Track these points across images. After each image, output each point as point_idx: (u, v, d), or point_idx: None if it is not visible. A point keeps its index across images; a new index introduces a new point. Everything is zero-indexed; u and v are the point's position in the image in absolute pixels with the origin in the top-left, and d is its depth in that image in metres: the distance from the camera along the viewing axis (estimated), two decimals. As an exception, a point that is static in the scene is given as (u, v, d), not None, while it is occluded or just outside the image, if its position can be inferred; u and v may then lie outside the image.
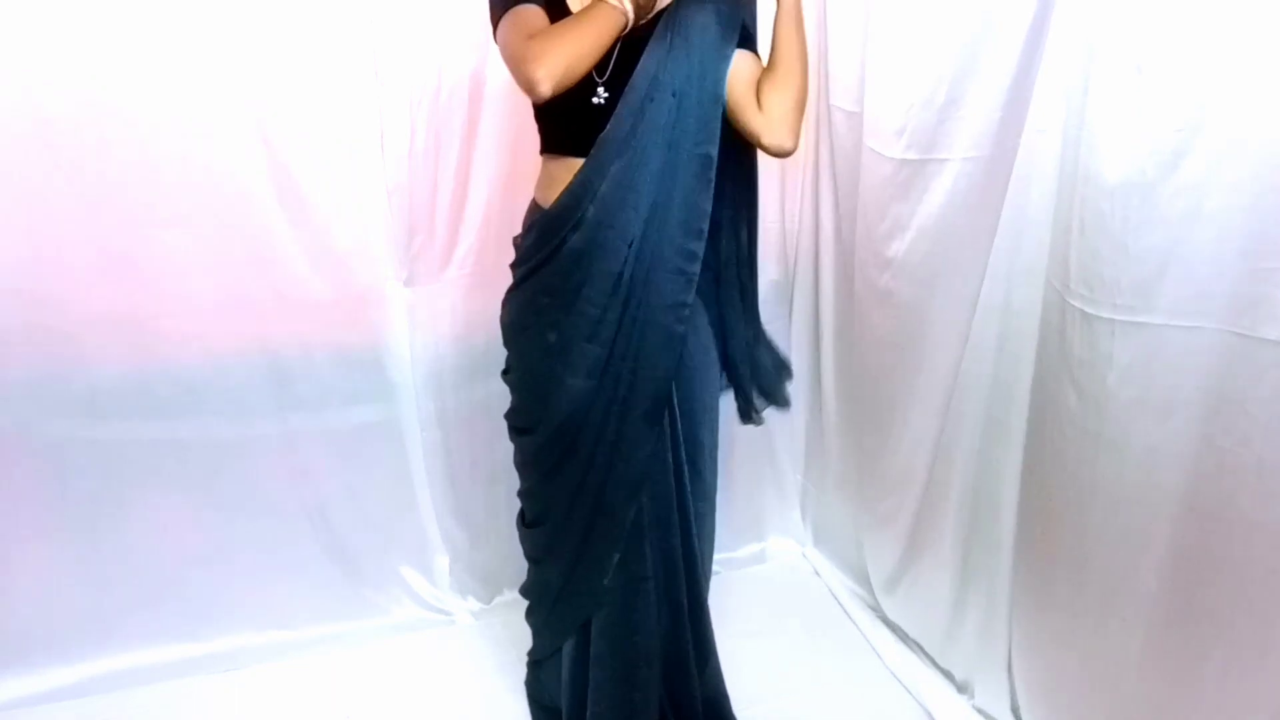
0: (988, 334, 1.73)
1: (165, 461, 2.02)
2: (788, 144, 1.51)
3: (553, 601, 1.74)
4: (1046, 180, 1.56)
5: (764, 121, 1.49)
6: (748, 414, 1.76)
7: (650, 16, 1.48)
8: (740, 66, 1.51)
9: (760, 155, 1.61)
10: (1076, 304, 1.44)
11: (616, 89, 1.45)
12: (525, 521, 1.74)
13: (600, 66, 1.44)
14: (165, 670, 2.09)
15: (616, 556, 1.61)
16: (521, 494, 1.74)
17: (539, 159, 1.60)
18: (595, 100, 1.46)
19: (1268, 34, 1.15)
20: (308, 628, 2.20)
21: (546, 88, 1.34)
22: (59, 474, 1.97)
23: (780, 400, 1.77)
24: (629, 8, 1.42)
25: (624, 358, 1.52)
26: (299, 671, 2.12)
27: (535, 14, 1.45)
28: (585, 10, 1.43)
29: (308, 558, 2.18)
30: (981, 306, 1.73)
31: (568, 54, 1.35)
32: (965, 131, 1.69)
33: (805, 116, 1.56)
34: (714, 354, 1.68)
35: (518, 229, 1.67)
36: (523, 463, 1.70)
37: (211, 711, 2.01)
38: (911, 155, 1.79)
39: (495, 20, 1.48)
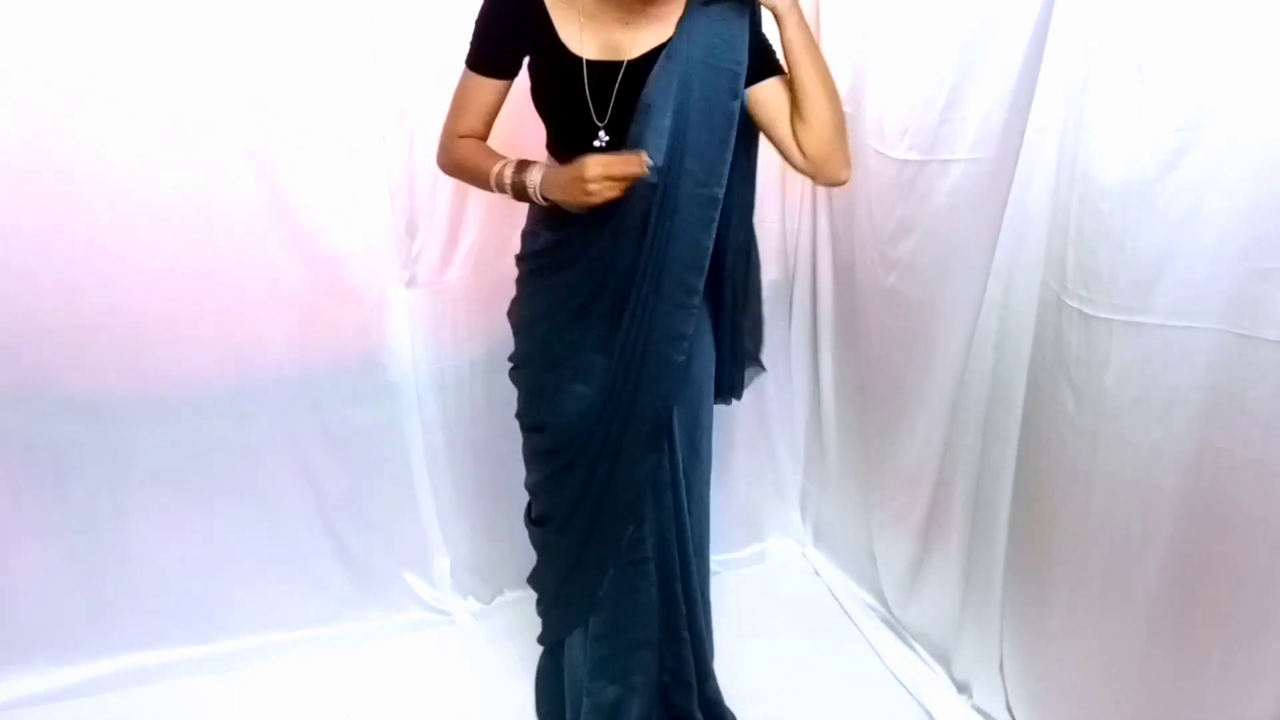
0: (988, 332, 1.74)
1: (166, 463, 2.02)
2: (841, 178, 1.49)
3: (550, 602, 1.79)
4: (1045, 180, 1.56)
5: (810, 167, 1.47)
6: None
7: (649, 51, 1.44)
8: (778, 102, 1.47)
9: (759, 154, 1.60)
10: (1074, 304, 1.45)
11: (619, 129, 1.44)
12: (531, 517, 1.77)
13: (600, 110, 1.45)
14: (165, 670, 2.09)
15: (611, 571, 1.64)
16: (528, 488, 1.77)
17: (542, 151, 1.60)
18: (597, 144, 1.46)
19: (1268, 34, 1.15)
20: (308, 628, 2.20)
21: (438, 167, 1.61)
22: (60, 476, 1.97)
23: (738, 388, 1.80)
24: (507, 188, 1.47)
25: (625, 382, 1.54)
26: (299, 671, 2.12)
27: (478, 91, 1.52)
28: (483, 160, 1.50)
29: (309, 558, 2.18)
30: (987, 305, 1.73)
31: (452, 174, 1.60)
32: (968, 132, 1.69)
33: None
34: (711, 336, 1.69)
35: (520, 228, 1.67)
36: (529, 458, 1.73)
37: (211, 711, 2.02)
38: (914, 156, 1.79)
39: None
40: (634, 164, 1.34)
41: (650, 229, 1.45)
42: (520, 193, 1.47)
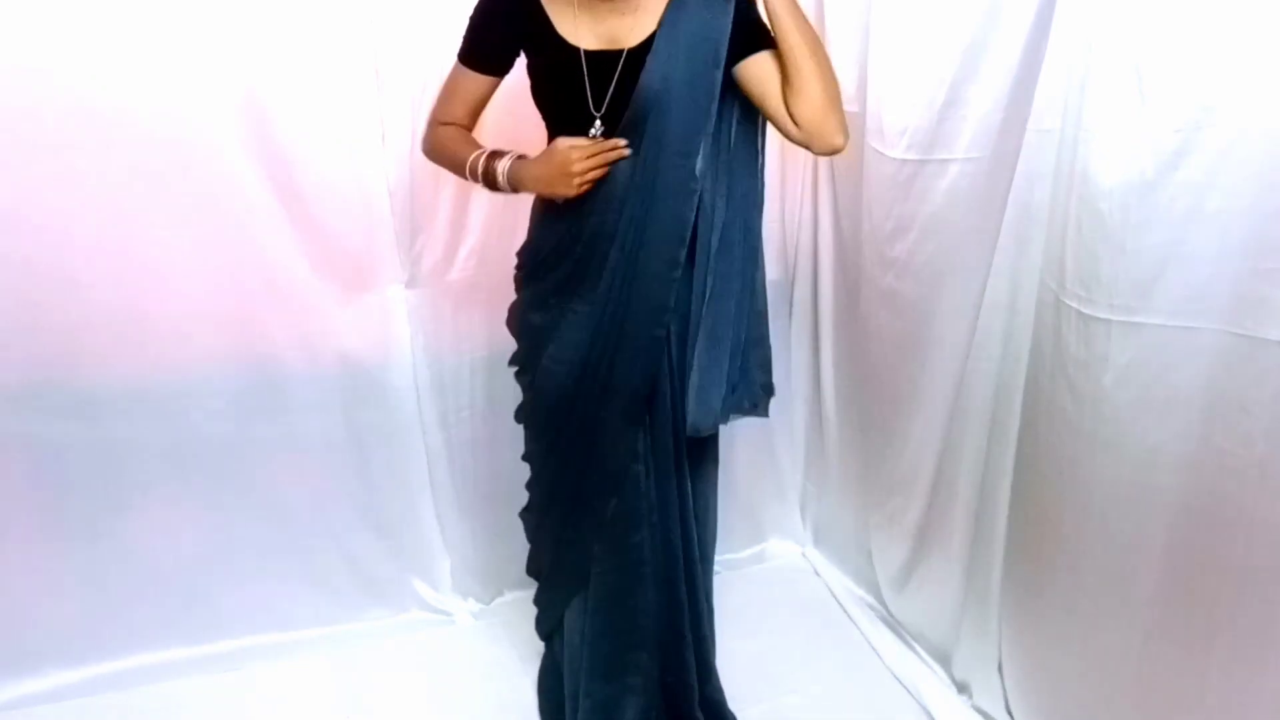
0: (991, 333, 1.73)
1: (165, 463, 2.02)
2: (836, 143, 1.45)
3: (544, 582, 1.82)
4: (1044, 180, 1.56)
5: (804, 136, 1.44)
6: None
7: (648, 37, 1.46)
8: (768, 75, 1.45)
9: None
10: (1073, 304, 1.44)
11: (614, 118, 1.46)
12: (526, 506, 1.81)
13: (596, 100, 1.46)
14: (165, 671, 2.09)
15: (597, 546, 1.65)
16: (529, 487, 1.80)
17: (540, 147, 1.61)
18: (592, 132, 1.48)
19: (1268, 34, 1.15)
20: (308, 628, 2.20)
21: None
22: (59, 475, 1.97)
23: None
24: (479, 176, 1.52)
25: (604, 354, 1.55)
26: (299, 672, 2.12)
27: (466, 85, 1.55)
28: (461, 147, 1.55)
29: (309, 559, 2.18)
30: (985, 305, 1.73)
31: (434, 159, 1.63)
32: (966, 131, 1.69)
33: None
34: None
35: (520, 230, 1.68)
36: (528, 449, 1.76)
37: (212, 712, 2.01)
38: (913, 155, 1.79)
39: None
40: (613, 150, 1.43)
41: (630, 199, 1.47)
42: (490, 180, 1.51)
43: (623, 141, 1.44)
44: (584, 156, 1.43)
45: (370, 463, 2.17)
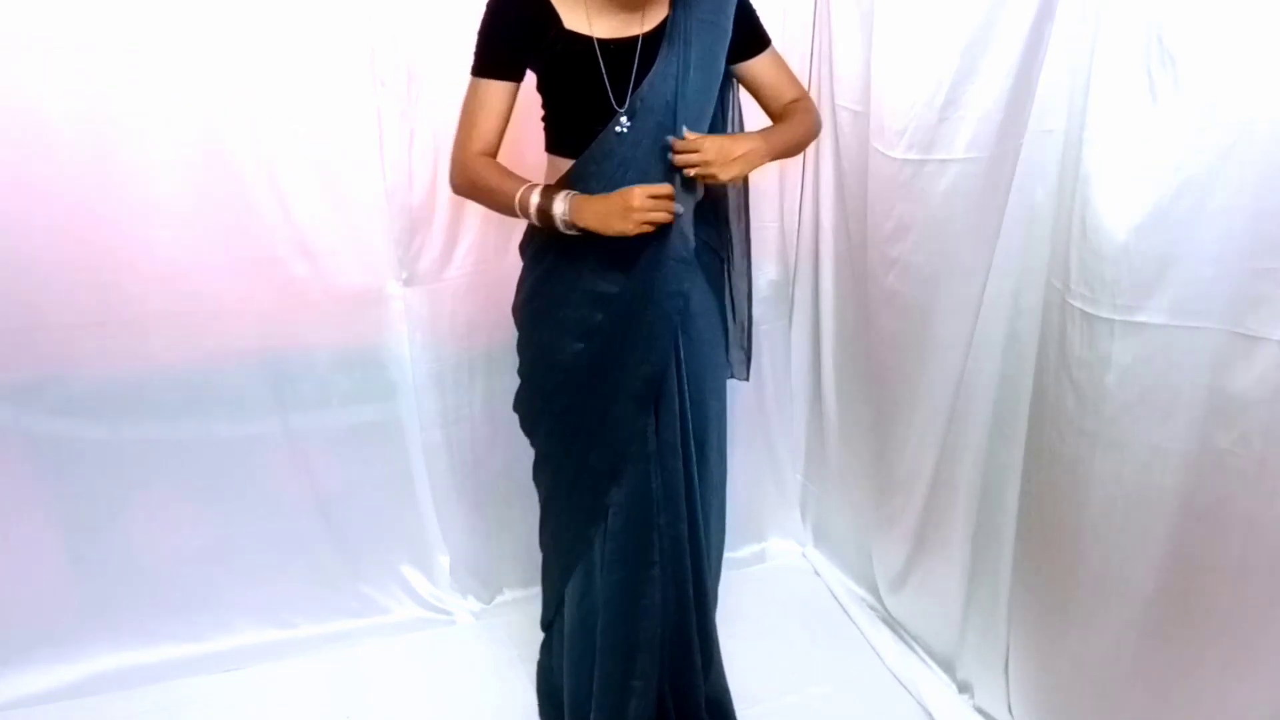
0: (995, 333, 1.73)
1: (165, 461, 2.01)
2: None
3: (544, 561, 1.82)
4: (1049, 180, 1.56)
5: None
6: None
7: (661, 22, 1.52)
8: (763, 79, 1.66)
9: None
10: (1077, 304, 1.44)
11: (634, 110, 1.49)
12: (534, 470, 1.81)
13: (619, 97, 1.49)
14: (165, 670, 2.09)
15: (594, 532, 1.65)
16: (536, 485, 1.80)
17: (542, 155, 1.62)
18: (618, 130, 1.49)
19: (1269, 33, 1.15)
20: (308, 627, 2.20)
21: (452, 191, 1.60)
22: (58, 474, 1.97)
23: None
24: (532, 213, 1.47)
25: (619, 336, 1.55)
26: (299, 671, 2.12)
27: (490, 96, 1.52)
28: (504, 181, 1.50)
29: (308, 557, 2.18)
30: (989, 306, 1.73)
31: (469, 195, 1.58)
32: (966, 131, 1.68)
33: None
34: (723, 346, 1.73)
35: (517, 228, 1.67)
36: (534, 463, 1.76)
37: (211, 711, 2.01)
38: (913, 155, 1.78)
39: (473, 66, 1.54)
40: (670, 203, 1.45)
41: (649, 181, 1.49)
42: (545, 218, 1.47)
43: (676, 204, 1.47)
44: (648, 195, 1.43)
45: (369, 460, 2.17)
